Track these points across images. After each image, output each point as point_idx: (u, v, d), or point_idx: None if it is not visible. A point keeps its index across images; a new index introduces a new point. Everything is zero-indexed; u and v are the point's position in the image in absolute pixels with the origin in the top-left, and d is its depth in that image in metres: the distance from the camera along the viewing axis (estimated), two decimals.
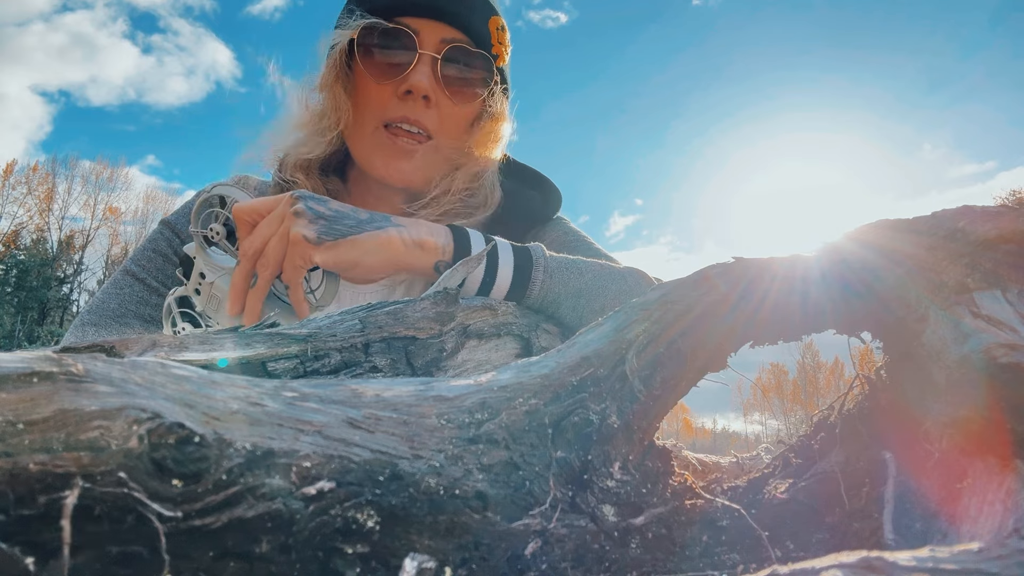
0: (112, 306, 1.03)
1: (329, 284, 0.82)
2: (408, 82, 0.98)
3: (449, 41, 1.00)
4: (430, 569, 0.31)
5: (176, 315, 0.82)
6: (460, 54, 1.01)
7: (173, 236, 1.11)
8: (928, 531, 0.38)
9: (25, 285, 24.44)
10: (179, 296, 0.82)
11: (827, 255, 0.51)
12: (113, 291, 1.05)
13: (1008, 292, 0.46)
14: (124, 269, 1.09)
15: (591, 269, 0.85)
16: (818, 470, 0.49)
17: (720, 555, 0.42)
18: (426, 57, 0.99)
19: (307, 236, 0.72)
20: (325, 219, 0.74)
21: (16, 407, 0.24)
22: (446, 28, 1.00)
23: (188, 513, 0.26)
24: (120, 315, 1.02)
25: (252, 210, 0.77)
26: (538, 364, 0.43)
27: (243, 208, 0.78)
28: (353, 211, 0.78)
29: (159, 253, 1.09)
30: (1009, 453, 0.36)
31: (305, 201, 0.75)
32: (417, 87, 0.98)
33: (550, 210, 1.18)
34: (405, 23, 0.99)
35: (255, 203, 0.78)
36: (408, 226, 0.79)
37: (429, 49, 0.99)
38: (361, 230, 0.75)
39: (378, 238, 0.76)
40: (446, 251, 0.79)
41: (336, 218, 0.75)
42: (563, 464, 0.39)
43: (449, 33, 1.00)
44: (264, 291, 0.76)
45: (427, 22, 0.99)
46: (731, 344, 0.50)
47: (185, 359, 0.46)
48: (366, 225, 0.76)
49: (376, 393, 0.36)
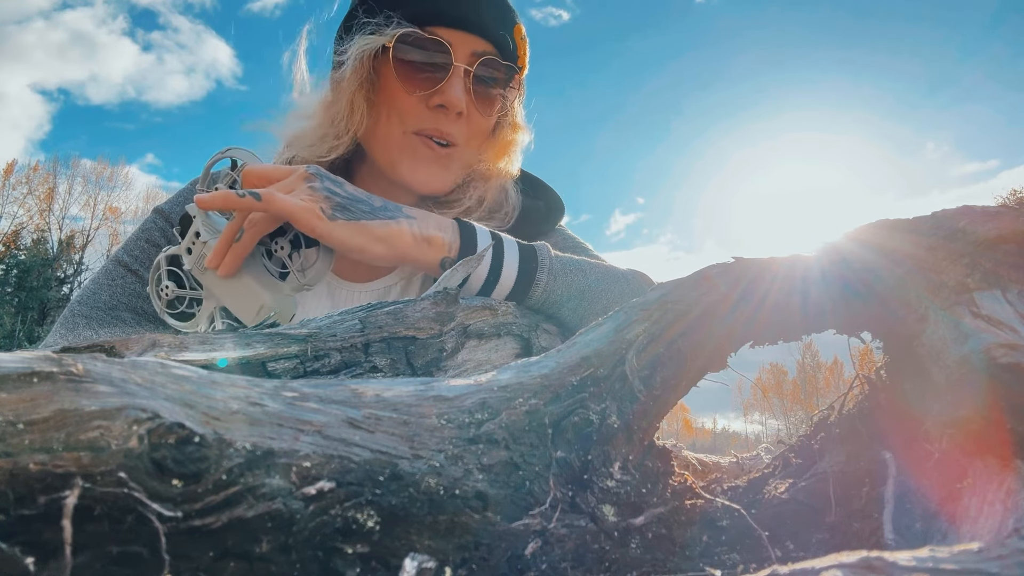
0: (103, 297, 1.01)
1: (321, 265, 0.80)
2: (444, 96, 0.97)
3: (480, 54, 0.99)
4: (430, 569, 0.31)
5: (163, 272, 0.81)
6: (491, 67, 1.01)
7: (167, 225, 1.08)
8: (928, 531, 0.38)
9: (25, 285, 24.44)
10: (170, 255, 0.81)
11: (827, 255, 0.51)
12: (105, 282, 1.03)
13: (1008, 292, 0.46)
14: (115, 259, 1.06)
15: (594, 270, 0.85)
16: (818, 470, 0.49)
17: (720, 555, 0.42)
18: (459, 70, 0.98)
19: (322, 208, 0.72)
20: (339, 199, 0.74)
21: (16, 407, 0.24)
22: (477, 40, 0.99)
23: (188, 513, 0.26)
24: (112, 307, 1.00)
25: (263, 174, 0.76)
26: (538, 364, 0.43)
27: (254, 170, 0.76)
28: (367, 197, 0.77)
29: (152, 243, 1.06)
30: (1009, 453, 0.36)
31: (322, 179, 0.74)
32: (453, 103, 0.97)
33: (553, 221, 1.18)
34: (439, 34, 0.97)
35: (267, 168, 0.77)
36: (419, 219, 0.79)
37: (462, 62, 0.98)
38: (374, 216, 0.75)
39: (389, 227, 0.75)
40: (452, 248, 0.79)
41: (351, 200, 0.75)
42: (563, 464, 0.39)
43: (480, 45, 0.99)
44: (247, 247, 0.74)
45: (459, 33, 0.98)
46: (731, 344, 0.50)
47: (185, 359, 0.46)
48: (379, 212, 0.76)
49: (376, 393, 0.36)
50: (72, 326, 0.98)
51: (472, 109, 1.01)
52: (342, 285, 1.08)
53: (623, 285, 0.86)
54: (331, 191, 0.74)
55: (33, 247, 25.94)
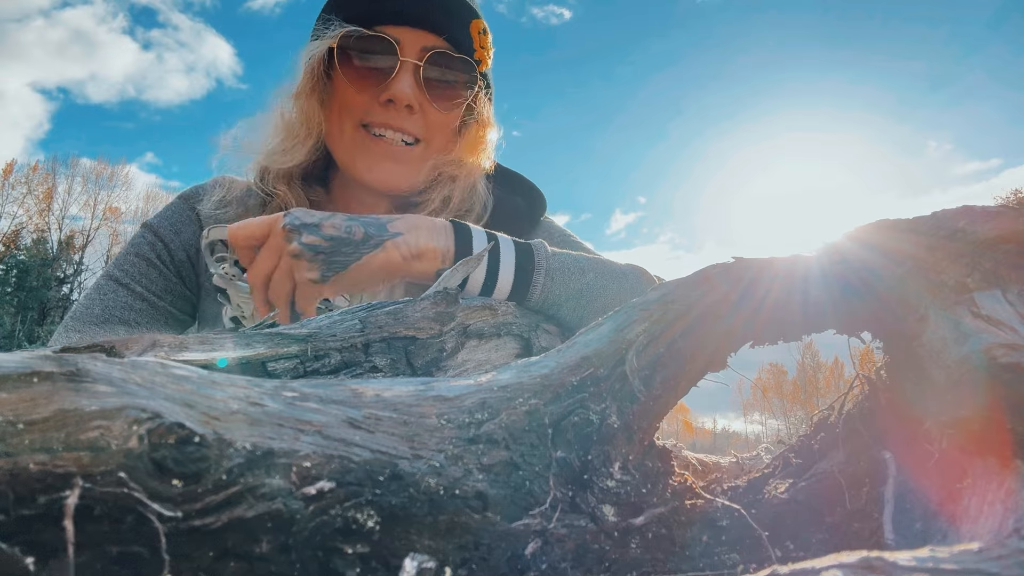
0: (96, 312, 1.03)
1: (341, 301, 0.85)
2: (390, 91, 0.98)
3: (430, 48, 1.00)
4: (430, 569, 0.31)
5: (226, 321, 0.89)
6: (442, 60, 1.01)
7: (156, 240, 1.10)
8: (928, 531, 0.38)
9: (25, 285, 24.44)
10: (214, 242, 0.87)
11: (827, 255, 0.51)
12: (96, 297, 1.05)
13: (1008, 292, 0.46)
14: (107, 274, 1.08)
15: (593, 268, 0.85)
16: (818, 470, 0.49)
17: (720, 555, 0.42)
18: (408, 65, 0.99)
19: (312, 279, 0.73)
20: (324, 253, 0.73)
21: (16, 407, 0.24)
22: (427, 35, 1.00)
23: (188, 513, 0.26)
24: (104, 320, 1.02)
25: (247, 236, 0.77)
26: (538, 364, 0.43)
27: (237, 235, 0.77)
28: (347, 229, 0.76)
29: (142, 257, 1.09)
30: (1009, 453, 0.36)
31: (299, 236, 0.74)
32: (399, 96, 0.98)
33: (535, 214, 1.18)
34: (386, 32, 0.99)
35: (247, 228, 0.77)
36: (407, 232, 0.77)
37: (411, 57, 0.99)
38: (360, 255, 0.75)
39: (377, 260, 0.75)
40: (447, 256, 0.79)
41: (333, 248, 0.74)
42: (563, 464, 0.39)
43: (431, 40, 1.00)
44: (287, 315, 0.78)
45: (408, 30, 0.99)
46: (731, 344, 0.50)
47: (185, 359, 0.46)
48: (363, 247, 0.75)
49: (376, 393, 0.36)
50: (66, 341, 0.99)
51: (426, 104, 1.01)
52: None
53: (622, 282, 0.86)
54: (311, 247, 0.73)
55: (33, 247, 25.94)
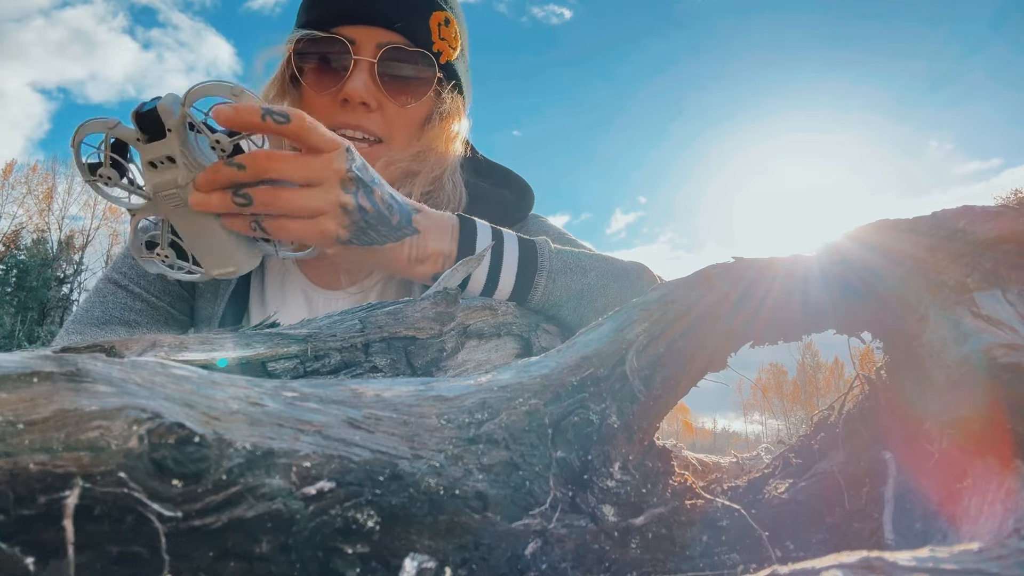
0: (96, 314, 1.03)
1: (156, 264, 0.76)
2: (344, 90, 0.98)
3: (385, 44, 1.00)
4: (430, 569, 0.31)
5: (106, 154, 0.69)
6: (398, 55, 1.01)
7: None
8: (928, 531, 0.38)
9: (25, 285, 24.44)
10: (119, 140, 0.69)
11: (828, 255, 0.51)
12: (96, 300, 1.05)
13: (1008, 292, 0.46)
14: (105, 278, 1.09)
15: (594, 267, 0.85)
16: (818, 470, 0.49)
17: (720, 555, 0.42)
18: (363, 63, 0.99)
19: (339, 238, 0.70)
20: (365, 220, 0.70)
21: (16, 407, 0.24)
22: (382, 32, 1.00)
23: (188, 513, 0.26)
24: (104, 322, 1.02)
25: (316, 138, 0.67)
26: (538, 364, 0.43)
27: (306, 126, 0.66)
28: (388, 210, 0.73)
29: None
30: (1009, 453, 0.36)
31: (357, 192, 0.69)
32: (352, 94, 0.98)
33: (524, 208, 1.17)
34: (341, 32, 0.99)
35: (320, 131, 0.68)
36: (423, 233, 0.77)
37: (365, 55, 0.99)
38: (384, 241, 0.74)
39: (391, 253, 0.75)
40: (448, 259, 0.79)
41: (374, 222, 0.71)
42: (563, 464, 0.39)
43: (386, 37, 1.00)
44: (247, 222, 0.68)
45: (363, 29, 0.99)
46: (731, 344, 0.50)
47: (185, 359, 0.46)
48: (391, 235, 0.74)
49: (376, 393, 0.36)
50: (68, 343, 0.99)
51: (384, 100, 1.01)
52: (319, 293, 1.08)
53: (623, 282, 0.86)
54: (361, 209, 0.69)
55: (33, 247, 25.93)
